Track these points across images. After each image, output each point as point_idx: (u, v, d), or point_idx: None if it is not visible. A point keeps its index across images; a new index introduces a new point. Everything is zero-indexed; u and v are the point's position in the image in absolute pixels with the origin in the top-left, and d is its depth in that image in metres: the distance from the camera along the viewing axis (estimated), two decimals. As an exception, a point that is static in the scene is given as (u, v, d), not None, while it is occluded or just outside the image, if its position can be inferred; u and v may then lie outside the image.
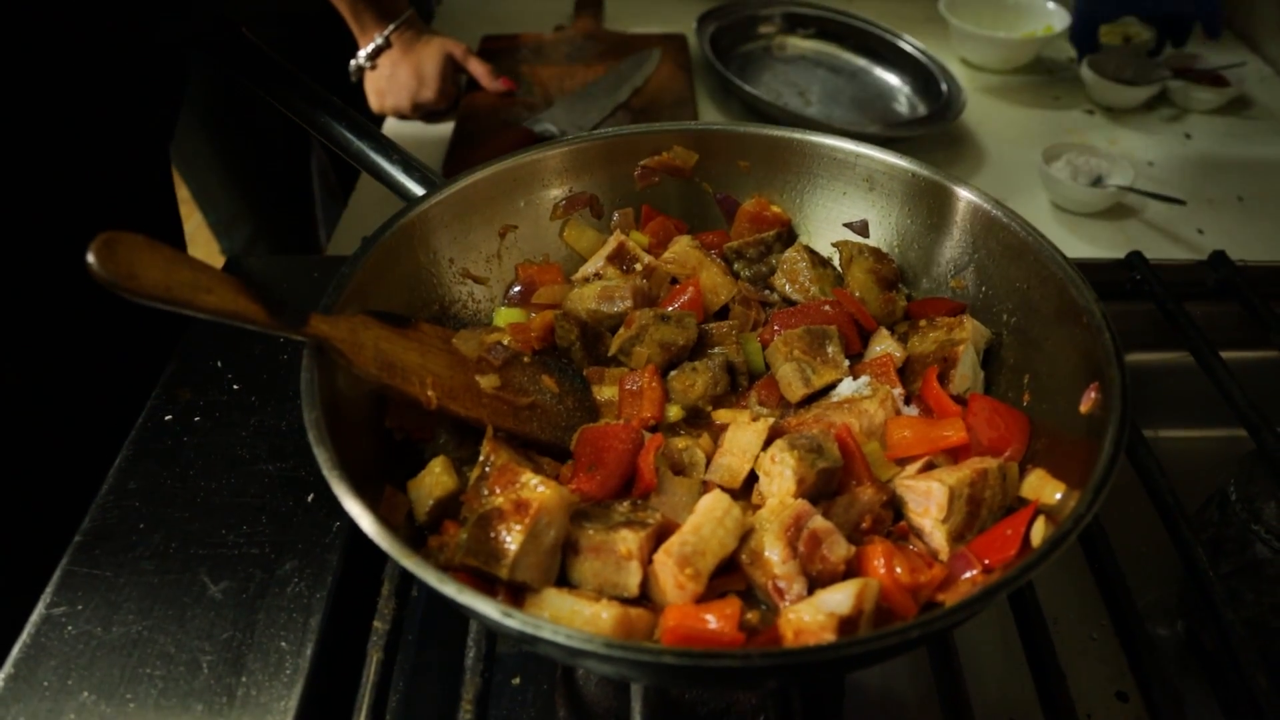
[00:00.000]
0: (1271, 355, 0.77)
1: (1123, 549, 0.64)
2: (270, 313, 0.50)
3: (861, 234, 0.70)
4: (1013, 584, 0.43)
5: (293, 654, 0.56)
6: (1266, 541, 0.62)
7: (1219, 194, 1.08)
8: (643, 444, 0.56)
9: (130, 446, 0.68)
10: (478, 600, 0.41)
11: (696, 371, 0.62)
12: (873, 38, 1.33)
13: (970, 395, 0.59)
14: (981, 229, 0.64)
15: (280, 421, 0.68)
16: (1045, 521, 0.50)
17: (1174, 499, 0.61)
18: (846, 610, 0.46)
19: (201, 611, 0.57)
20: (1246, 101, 1.25)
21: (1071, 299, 0.57)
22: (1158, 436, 0.84)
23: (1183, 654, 0.67)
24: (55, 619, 0.58)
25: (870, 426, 0.57)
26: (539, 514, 0.47)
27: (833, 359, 0.61)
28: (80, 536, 0.62)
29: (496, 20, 1.44)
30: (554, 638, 0.40)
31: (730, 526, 0.49)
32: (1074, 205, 1.02)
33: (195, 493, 0.63)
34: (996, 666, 0.62)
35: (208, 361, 0.73)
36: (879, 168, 0.68)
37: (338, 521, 0.62)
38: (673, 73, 1.29)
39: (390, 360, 0.55)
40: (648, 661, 0.41)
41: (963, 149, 1.15)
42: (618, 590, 0.48)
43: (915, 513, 0.53)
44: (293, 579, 0.59)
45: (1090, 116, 1.23)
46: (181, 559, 0.60)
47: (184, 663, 0.55)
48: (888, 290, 0.66)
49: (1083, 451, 0.51)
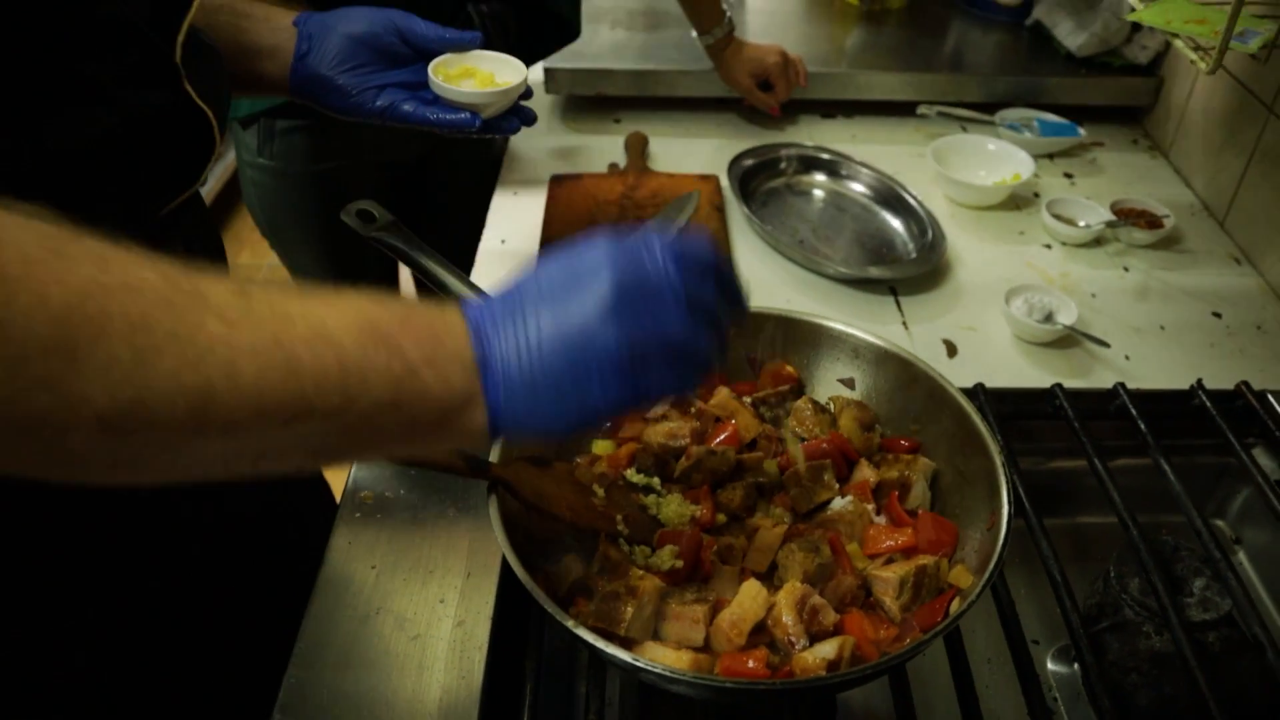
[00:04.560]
0: (1147, 462, 1.05)
1: (1038, 607, 0.94)
2: (469, 466, 0.80)
3: (849, 388, 1.00)
4: (931, 641, 0.72)
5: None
6: (1130, 606, 0.90)
7: (1146, 323, 1.35)
8: (702, 543, 0.86)
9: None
10: (614, 648, 0.70)
11: (735, 489, 0.91)
12: (874, 182, 1.63)
13: (920, 511, 0.88)
14: (925, 390, 0.93)
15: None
16: (960, 599, 0.79)
17: (1061, 575, 0.90)
18: (833, 656, 0.74)
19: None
20: (1177, 237, 1.54)
21: (985, 445, 0.86)
22: (1074, 522, 1.13)
23: (1078, 687, 0.95)
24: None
25: (852, 533, 0.87)
26: (643, 595, 0.77)
27: (827, 483, 0.90)
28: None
29: (560, 162, 1.73)
30: (655, 669, 0.70)
31: (760, 602, 0.78)
32: (1030, 337, 1.30)
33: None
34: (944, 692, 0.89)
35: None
36: (861, 343, 0.98)
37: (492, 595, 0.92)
38: (709, 212, 1.59)
39: (539, 490, 0.84)
40: (714, 685, 0.70)
41: (943, 283, 1.43)
42: (690, 643, 0.77)
43: (879, 592, 0.82)
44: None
45: (1048, 250, 1.51)
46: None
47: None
48: (867, 431, 0.95)
49: (988, 552, 0.80)
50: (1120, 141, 1.82)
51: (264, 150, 1.52)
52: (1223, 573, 0.90)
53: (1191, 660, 0.82)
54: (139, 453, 0.47)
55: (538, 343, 0.54)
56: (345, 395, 0.49)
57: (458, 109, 0.97)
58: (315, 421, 0.49)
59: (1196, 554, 0.92)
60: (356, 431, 0.51)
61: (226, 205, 3.44)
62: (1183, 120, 1.72)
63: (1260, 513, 1.12)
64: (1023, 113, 1.80)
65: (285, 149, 1.51)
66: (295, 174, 1.54)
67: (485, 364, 0.54)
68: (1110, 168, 1.75)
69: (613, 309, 0.54)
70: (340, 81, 0.93)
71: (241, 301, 0.47)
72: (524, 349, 0.54)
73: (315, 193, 1.56)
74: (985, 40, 1.99)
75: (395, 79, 0.96)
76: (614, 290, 0.55)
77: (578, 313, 0.55)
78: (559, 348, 0.54)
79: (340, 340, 0.49)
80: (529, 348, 0.54)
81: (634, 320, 0.55)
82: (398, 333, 0.51)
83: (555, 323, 0.55)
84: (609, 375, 0.55)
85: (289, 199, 1.59)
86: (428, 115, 0.94)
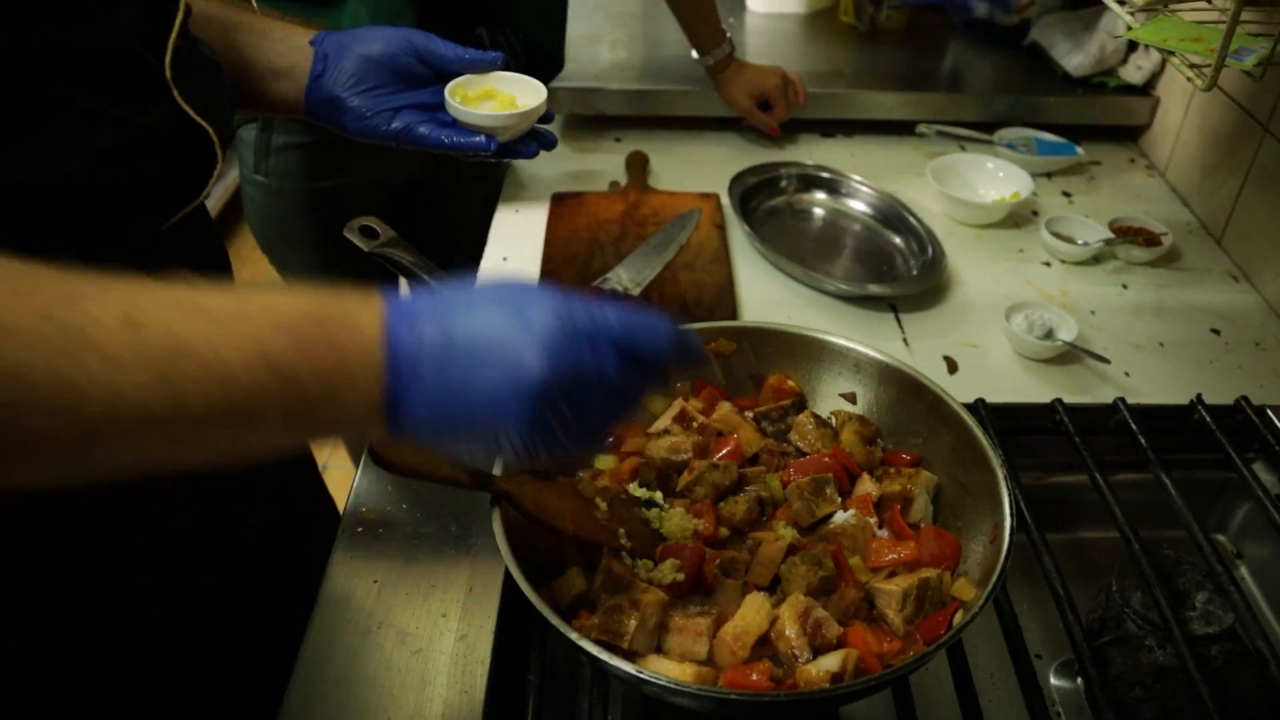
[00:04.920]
0: (1149, 477, 1.05)
1: (1040, 622, 0.94)
2: (473, 479, 0.81)
3: (851, 403, 1.00)
4: (934, 653, 0.72)
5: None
6: (1133, 620, 0.90)
7: (1145, 340, 1.36)
8: (705, 557, 0.86)
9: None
10: (618, 661, 0.70)
11: (737, 503, 0.92)
12: (874, 200, 1.64)
13: (922, 524, 0.88)
14: (927, 404, 0.93)
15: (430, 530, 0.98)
16: (963, 612, 0.79)
17: (1064, 589, 0.90)
18: (836, 669, 0.74)
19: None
20: (1176, 255, 1.54)
21: (986, 458, 0.86)
22: (1075, 536, 1.13)
23: (1081, 701, 0.94)
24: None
25: (854, 546, 0.87)
26: (646, 608, 0.77)
27: (830, 497, 0.90)
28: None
29: (562, 180, 1.74)
30: (659, 681, 0.70)
31: (764, 615, 0.78)
32: (1030, 354, 1.30)
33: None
34: (947, 706, 0.89)
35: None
36: (863, 358, 0.98)
37: (494, 609, 0.92)
38: (709, 230, 1.60)
39: (541, 504, 0.84)
40: (718, 697, 0.70)
41: (943, 300, 1.43)
42: (694, 656, 0.77)
43: (882, 605, 0.82)
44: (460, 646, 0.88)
45: (1047, 268, 1.52)
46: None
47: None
48: (869, 445, 0.95)
49: (990, 565, 0.80)
50: (1118, 160, 1.84)
51: (260, 167, 1.52)
52: (1225, 586, 0.90)
53: (1195, 674, 0.82)
54: (26, 480, 0.48)
55: (458, 369, 0.54)
56: (237, 428, 0.50)
57: (473, 132, 0.95)
58: (206, 450, 0.51)
59: (1198, 568, 0.92)
60: (249, 449, 0.53)
61: (230, 220, 3.45)
62: (1178, 139, 1.74)
63: (1261, 527, 1.12)
64: (1021, 132, 1.81)
65: (281, 166, 1.51)
66: (292, 191, 1.54)
67: (395, 374, 0.53)
68: (1108, 186, 1.76)
69: (533, 396, 0.54)
70: (355, 103, 0.92)
71: (131, 335, 0.47)
72: (442, 371, 0.54)
73: (312, 211, 1.57)
74: (983, 60, 2.01)
75: (412, 100, 0.94)
76: (538, 384, 0.54)
77: (494, 384, 0.54)
78: (478, 383, 0.54)
79: (235, 377, 0.49)
80: (444, 369, 0.54)
81: (552, 410, 0.55)
82: (299, 364, 0.51)
83: (485, 355, 0.54)
84: (514, 440, 0.56)
85: (285, 216, 1.59)
86: (442, 138, 0.93)
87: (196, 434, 0.50)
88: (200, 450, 0.51)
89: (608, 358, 0.56)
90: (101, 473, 0.50)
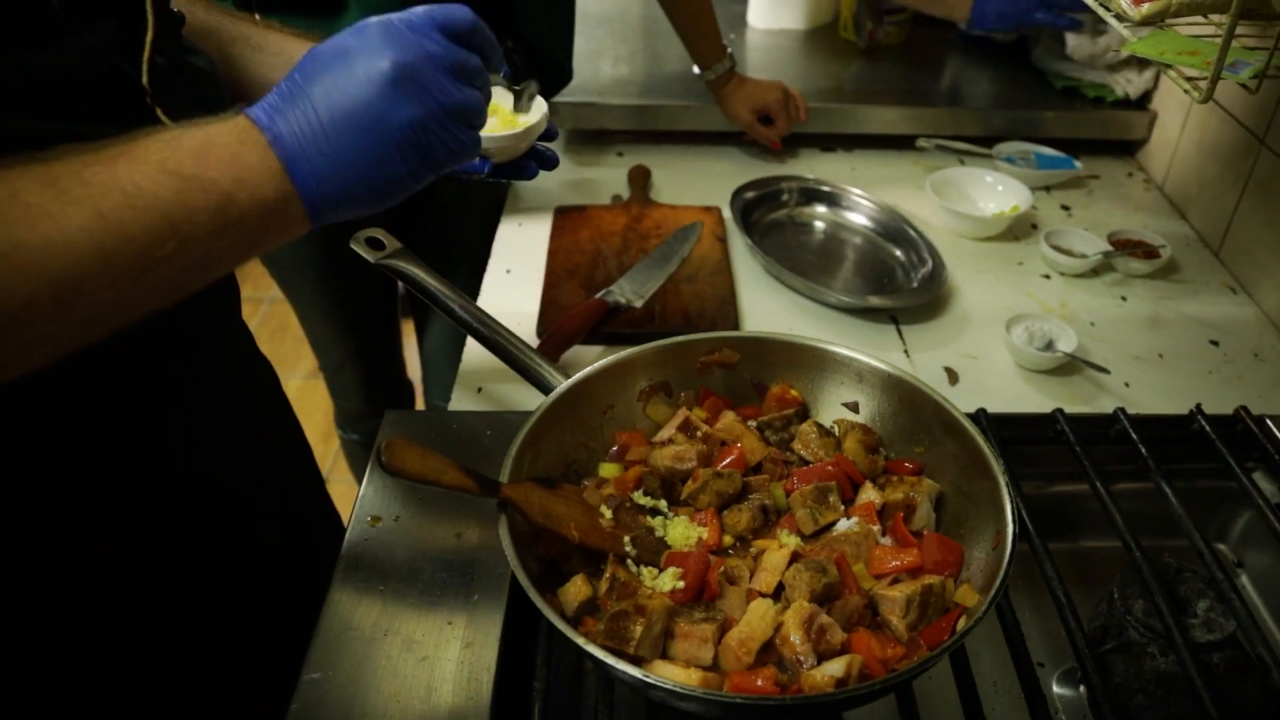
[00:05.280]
0: (1150, 486, 1.05)
1: (1042, 630, 0.94)
2: (479, 485, 0.81)
3: (854, 412, 1.01)
4: (939, 658, 0.73)
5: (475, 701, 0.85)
6: (1135, 628, 0.90)
7: (1144, 351, 1.37)
8: (709, 564, 0.86)
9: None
10: (625, 666, 0.70)
11: (741, 511, 0.92)
12: (874, 213, 1.65)
13: (925, 532, 0.89)
14: (929, 413, 0.94)
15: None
16: (966, 618, 0.79)
17: (1066, 597, 0.91)
18: (840, 674, 0.75)
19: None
20: (1174, 267, 1.56)
21: (989, 466, 0.87)
22: (1077, 545, 1.13)
23: (1084, 709, 0.95)
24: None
25: (858, 553, 0.87)
26: (651, 614, 0.77)
27: (833, 505, 0.91)
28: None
29: (565, 193, 1.75)
30: (666, 685, 0.70)
31: (769, 621, 0.79)
32: (1031, 365, 1.31)
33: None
34: (951, 716, 0.90)
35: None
36: (865, 367, 0.99)
37: (500, 616, 0.92)
38: (711, 243, 1.61)
39: (547, 511, 0.85)
40: (724, 701, 0.71)
41: (944, 312, 1.44)
42: (699, 661, 0.78)
43: (885, 611, 0.82)
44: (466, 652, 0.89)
45: (1047, 281, 1.53)
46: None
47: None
48: (872, 454, 0.96)
49: (993, 571, 0.80)
50: (1116, 174, 1.85)
51: None
52: (1226, 594, 0.91)
53: (1197, 681, 0.83)
54: (35, 356, 0.55)
55: (336, 132, 0.63)
56: (178, 239, 0.57)
57: None
58: (160, 269, 0.57)
59: (1200, 576, 0.92)
60: (198, 263, 0.60)
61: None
62: (1176, 153, 1.75)
63: (1262, 536, 1.13)
64: (1020, 146, 1.83)
65: None
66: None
67: (290, 164, 0.62)
68: (1106, 200, 1.77)
69: (394, 87, 0.64)
70: None
71: (53, 190, 0.53)
72: (322, 140, 0.63)
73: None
74: (981, 75, 2.02)
75: None
76: (392, 72, 0.64)
77: (363, 96, 0.63)
78: (356, 133, 0.64)
79: (156, 193, 0.56)
80: (326, 138, 0.63)
81: (415, 96, 0.65)
82: (203, 169, 0.58)
83: (346, 111, 0.63)
84: (406, 148, 0.66)
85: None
86: None
87: (147, 259, 0.56)
88: (162, 276, 0.58)
89: (431, 37, 0.67)
90: (93, 329, 0.57)
